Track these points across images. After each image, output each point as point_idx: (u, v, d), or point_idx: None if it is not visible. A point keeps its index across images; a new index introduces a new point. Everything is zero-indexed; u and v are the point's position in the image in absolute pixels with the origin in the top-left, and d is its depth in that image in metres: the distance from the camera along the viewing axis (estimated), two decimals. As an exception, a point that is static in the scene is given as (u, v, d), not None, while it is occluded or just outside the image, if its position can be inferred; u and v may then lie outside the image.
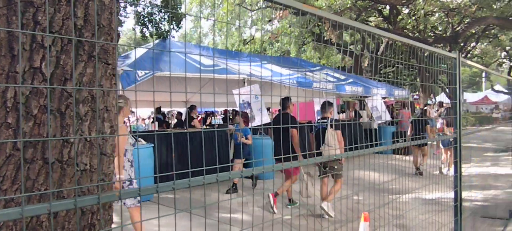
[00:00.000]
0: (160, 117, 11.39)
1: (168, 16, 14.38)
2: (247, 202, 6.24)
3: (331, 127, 5.46)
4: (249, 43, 22.91)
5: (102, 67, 1.43)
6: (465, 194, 6.49)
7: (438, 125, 9.50)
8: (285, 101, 5.97)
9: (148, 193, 1.20)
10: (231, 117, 11.58)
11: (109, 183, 1.53)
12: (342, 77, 12.27)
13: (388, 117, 11.18)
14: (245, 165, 7.00)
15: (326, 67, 17.39)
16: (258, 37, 23.44)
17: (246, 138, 6.84)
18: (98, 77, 1.42)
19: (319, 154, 5.21)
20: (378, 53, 19.88)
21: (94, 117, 1.41)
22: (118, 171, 2.67)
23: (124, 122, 4.06)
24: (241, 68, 8.89)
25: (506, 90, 24.73)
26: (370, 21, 20.26)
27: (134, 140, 4.09)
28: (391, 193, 6.96)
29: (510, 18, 16.06)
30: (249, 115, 7.79)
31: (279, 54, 23.67)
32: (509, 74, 28.42)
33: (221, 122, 15.40)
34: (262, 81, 9.32)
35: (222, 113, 12.66)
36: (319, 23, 17.92)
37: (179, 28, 16.21)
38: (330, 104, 5.90)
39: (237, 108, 9.57)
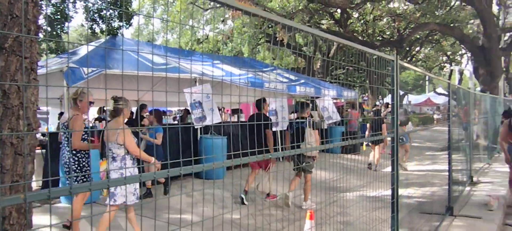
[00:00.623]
0: (104, 117, 10.95)
1: (118, 13, 13.93)
2: (197, 202, 6.16)
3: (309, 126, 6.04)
4: (203, 42, 22.70)
5: (16, 61, 1.33)
6: (405, 191, 6.81)
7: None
8: (260, 102, 6.41)
9: (62, 194, 1.12)
10: (182, 117, 11.39)
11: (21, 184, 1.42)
12: (294, 78, 12.44)
13: (338, 117, 11.48)
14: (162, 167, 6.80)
15: (279, 68, 17.59)
16: (212, 37, 23.24)
17: (155, 137, 6.39)
18: (12, 71, 1.32)
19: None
20: (330, 55, 20.41)
21: (6, 114, 1.31)
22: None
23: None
24: (193, 68, 8.77)
25: (446, 93, 26.28)
26: (322, 24, 20.74)
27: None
28: (338, 191, 7.16)
29: (451, 25, 17.07)
30: (199, 114, 7.70)
31: (233, 54, 23.64)
32: (449, 77, 30.21)
33: (173, 122, 15.12)
34: (215, 81, 9.25)
35: (179, 112, 12.41)
36: (273, 24, 18.10)
37: (130, 25, 15.74)
38: (307, 105, 6.51)
39: (189, 108, 9.45)
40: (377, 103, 19.41)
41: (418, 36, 21.51)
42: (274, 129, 10.52)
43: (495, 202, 5.95)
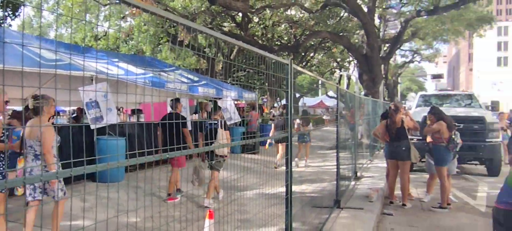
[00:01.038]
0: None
1: (2, 1, 12.38)
2: (92, 206, 5.79)
3: (221, 127, 6.50)
4: (101, 39, 21.34)
5: None
6: (298, 188, 7.28)
7: (295, 125, 10.78)
8: (174, 102, 6.77)
9: None
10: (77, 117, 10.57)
11: None
12: (196, 79, 12.42)
13: (238, 118, 11.77)
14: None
15: (181, 68, 17.37)
16: (112, 34, 21.99)
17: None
18: None
19: (212, 151, 6.30)
20: (231, 57, 20.79)
21: None
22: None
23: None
24: (90, 65, 8.21)
25: (335, 96, 28.70)
26: (224, 26, 21.05)
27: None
28: (237, 190, 7.36)
29: (340, 34, 18.68)
30: (96, 114, 7.25)
31: (133, 53, 22.65)
32: (339, 82, 32.96)
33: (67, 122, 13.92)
34: (113, 80, 8.76)
35: (74, 112, 11.45)
36: (175, 24, 17.81)
37: (16, 16, 14.16)
38: (219, 108, 7.31)
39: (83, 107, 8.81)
40: (276, 105, 20.31)
41: (312, 43, 23.09)
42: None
43: (375, 194, 6.68)
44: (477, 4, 18.79)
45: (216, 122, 6.60)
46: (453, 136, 6.38)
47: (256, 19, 20.07)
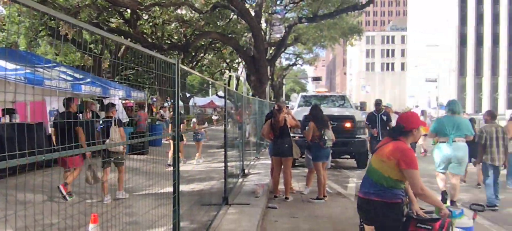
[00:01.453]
0: None
1: None
2: None
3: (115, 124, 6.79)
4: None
5: None
6: (187, 187, 7.33)
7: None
8: (68, 101, 6.75)
9: None
10: None
11: None
12: (80, 76, 11.56)
13: (125, 118, 11.30)
14: None
15: (62, 64, 15.94)
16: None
17: None
18: None
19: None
20: (119, 54, 19.76)
21: None
22: None
23: None
24: None
25: (228, 97, 29.28)
26: (112, 22, 19.93)
27: None
28: (126, 192, 7.10)
29: (229, 35, 19.15)
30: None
31: (4, 46, 19.99)
32: (228, 82, 33.71)
33: None
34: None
35: None
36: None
37: None
38: (113, 105, 7.36)
39: None
40: (165, 104, 19.93)
41: (202, 43, 23.22)
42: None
43: (261, 190, 7.08)
44: (349, 15, 21.05)
45: (109, 119, 6.89)
46: (323, 134, 7.05)
47: (145, 17, 19.42)
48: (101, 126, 7.01)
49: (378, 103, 9.93)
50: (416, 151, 7.88)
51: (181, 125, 11.05)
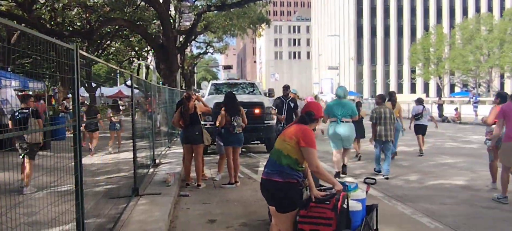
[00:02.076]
0: None
1: None
2: None
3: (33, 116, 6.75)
4: None
5: None
6: (95, 180, 6.98)
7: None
8: None
9: None
10: None
11: None
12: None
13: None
14: None
15: None
16: None
17: None
18: None
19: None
20: (12, 41, 17.76)
21: None
22: None
23: None
24: None
25: (134, 85, 28.14)
26: (1, 5, 17.82)
27: None
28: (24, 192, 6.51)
29: (137, 22, 18.36)
30: None
31: None
32: (138, 71, 32.38)
33: None
34: None
35: None
36: None
37: None
38: (30, 96, 7.64)
39: None
40: (69, 95, 18.52)
41: (108, 30, 21.92)
42: None
43: (172, 178, 7.03)
44: (257, 4, 21.52)
45: (26, 110, 6.88)
46: (233, 120, 7.24)
47: (42, 0, 17.69)
48: (18, 117, 6.79)
49: (286, 87, 9.78)
50: (318, 134, 8.53)
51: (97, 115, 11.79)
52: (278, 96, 9.95)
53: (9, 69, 11.79)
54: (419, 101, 11.48)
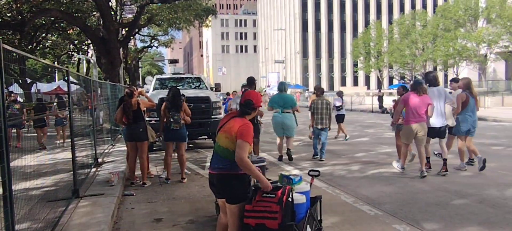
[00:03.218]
0: None
1: None
2: None
3: None
4: None
5: None
6: (29, 183, 6.53)
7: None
8: None
9: None
10: None
11: None
12: None
13: None
14: None
15: None
16: None
17: None
18: None
19: None
20: None
21: None
22: None
23: None
24: None
25: (76, 81, 26.71)
26: None
27: None
28: None
29: (75, 14, 17.38)
30: None
31: None
32: (78, 66, 30.76)
33: None
34: None
35: None
36: None
37: None
38: None
39: None
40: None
41: (43, 22, 20.54)
42: None
43: (115, 177, 6.76)
44: (202, -4, 21.23)
45: None
46: (170, 116, 7.12)
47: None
48: None
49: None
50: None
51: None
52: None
53: None
54: (339, 94, 13.70)
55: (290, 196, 3.67)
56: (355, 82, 77.82)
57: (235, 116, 3.63)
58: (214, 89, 13.35)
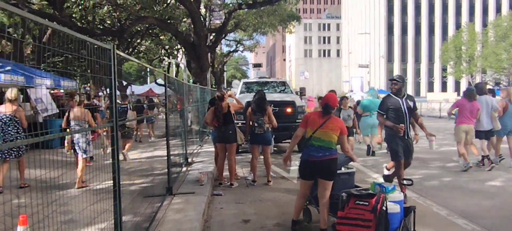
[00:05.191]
0: None
1: None
2: None
3: None
4: None
5: None
6: (129, 179, 7.01)
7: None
8: None
9: None
10: None
11: None
12: (-3, 64, 10.52)
13: (55, 109, 10.52)
14: None
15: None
16: None
17: None
18: None
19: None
20: (43, 40, 18.28)
21: None
22: None
23: None
24: None
25: (168, 85, 28.46)
26: (33, 3, 18.30)
27: None
28: (60, 189, 6.61)
29: (168, 21, 18.51)
30: None
31: None
32: (168, 70, 32.77)
33: None
34: None
35: None
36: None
37: None
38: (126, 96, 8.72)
39: None
40: (100, 93, 18.93)
41: (138, 29, 22.21)
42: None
43: (205, 177, 6.96)
44: (287, 2, 21.28)
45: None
46: (256, 121, 7.17)
47: (73, -1, 18.08)
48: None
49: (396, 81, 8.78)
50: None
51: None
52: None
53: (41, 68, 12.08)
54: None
55: (385, 205, 3.51)
56: (444, 88, 72.34)
57: (326, 116, 4.57)
58: (299, 93, 13.24)
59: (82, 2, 17.56)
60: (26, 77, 10.08)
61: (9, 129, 6.65)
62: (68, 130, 7.11)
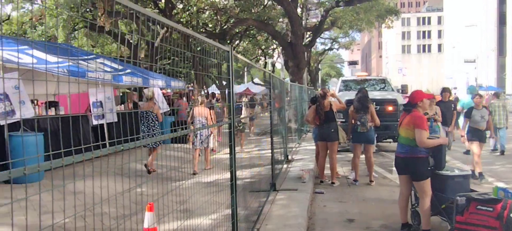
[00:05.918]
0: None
1: None
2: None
3: None
4: (2, 23, 19.22)
5: None
6: (238, 174, 7.37)
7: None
8: None
9: None
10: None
11: None
12: (120, 67, 11.82)
13: (166, 107, 11.50)
14: None
15: (102, 56, 16.35)
16: (17, 17, 20.01)
17: None
18: None
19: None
20: (156, 44, 20.05)
21: None
22: None
23: None
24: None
25: (262, 83, 29.08)
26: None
27: None
28: (174, 181, 7.25)
29: (265, 22, 19.01)
30: (5, 108, 6.60)
31: (43, 39, 20.81)
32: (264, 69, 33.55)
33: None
34: (23, 70, 7.95)
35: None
36: (92, 8, 16.68)
37: None
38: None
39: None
40: (202, 93, 20.14)
41: (237, 31, 23.17)
42: (99, 122, 9.89)
43: (307, 175, 7.04)
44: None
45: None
46: (358, 119, 6.99)
47: (180, 6, 19.56)
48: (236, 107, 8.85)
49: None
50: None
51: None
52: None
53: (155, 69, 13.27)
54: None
55: (512, 212, 3.20)
56: None
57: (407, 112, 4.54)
58: (400, 91, 12.61)
59: (188, 8, 18.87)
60: (142, 78, 11.17)
61: (149, 121, 8.06)
62: (192, 126, 7.93)
